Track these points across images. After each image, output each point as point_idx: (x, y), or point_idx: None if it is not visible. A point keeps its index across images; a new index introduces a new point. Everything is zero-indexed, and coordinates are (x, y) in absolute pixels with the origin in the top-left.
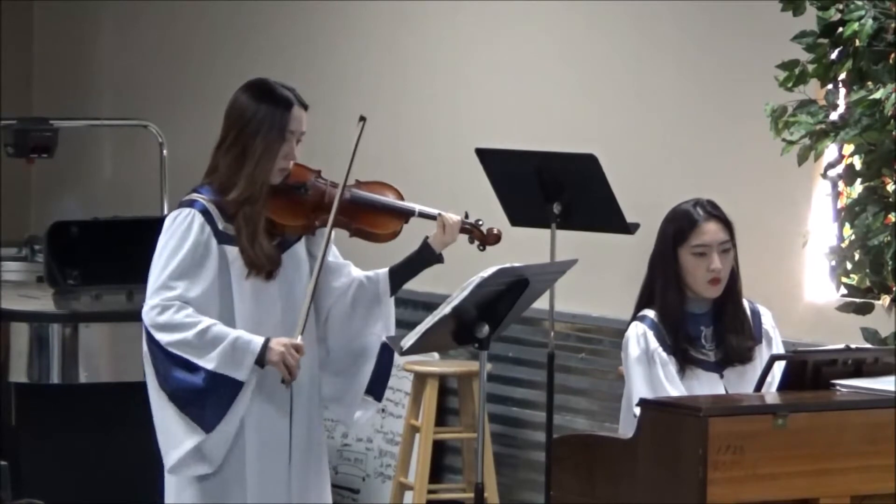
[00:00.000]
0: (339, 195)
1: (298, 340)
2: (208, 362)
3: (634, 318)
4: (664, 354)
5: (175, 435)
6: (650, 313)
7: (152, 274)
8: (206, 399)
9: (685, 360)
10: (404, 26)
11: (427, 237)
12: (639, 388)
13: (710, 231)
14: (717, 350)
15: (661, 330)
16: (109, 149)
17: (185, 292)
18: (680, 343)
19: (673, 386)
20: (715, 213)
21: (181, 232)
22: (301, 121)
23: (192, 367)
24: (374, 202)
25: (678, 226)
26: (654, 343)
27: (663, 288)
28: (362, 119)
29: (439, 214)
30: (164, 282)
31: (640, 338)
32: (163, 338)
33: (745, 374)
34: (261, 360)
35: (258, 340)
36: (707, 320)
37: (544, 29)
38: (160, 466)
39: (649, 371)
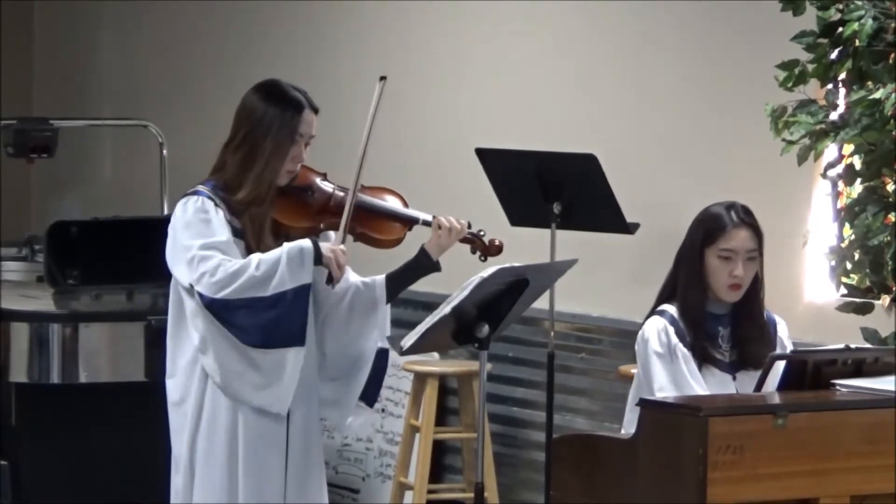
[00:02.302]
0: (358, 172)
1: (343, 247)
2: (278, 286)
3: (653, 311)
4: (685, 350)
5: (269, 389)
6: (670, 308)
7: (179, 253)
8: (290, 317)
9: (703, 358)
10: (404, 26)
11: (424, 244)
12: (661, 383)
13: (740, 238)
14: (731, 351)
15: (680, 325)
16: (109, 149)
17: (224, 256)
18: (699, 340)
19: (697, 383)
20: (747, 220)
21: (198, 213)
22: (311, 124)
23: (268, 302)
24: (380, 208)
25: (708, 227)
26: (674, 338)
27: (686, 285)
28: (383, 78)
29: (435, 217)
30: (199, 254)
31: (661, 332)
32: (228, 292)
33: (757, 379)
34: (318, 258)
35: (307, 243)
36: (726, 321)
37: (544, 28)
38: (161, 466)
39: (672, 366)
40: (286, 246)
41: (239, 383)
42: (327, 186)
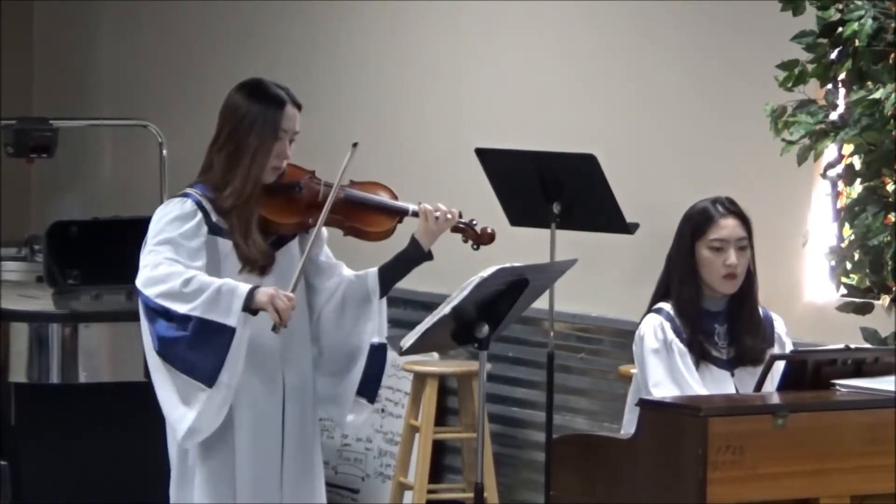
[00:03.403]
0: (331, 197)
1: (290, 293)
2: (193, 309)
3: (649, 311)
4: (681, 345)
5: (178, 407)
6: (666, 306)
7: (143, 247)
8: (198, 349)
9: (701, 355)
10: (404, 26)
11: (414, 233)
12: (657, 377)
13: (728, 226)
14: (729, 348)
15: (676, 323)
16: (109, 149)
17: (173, 256)
18: (696, 337)
19: (692, 376)
20: (734, 209)
21: (171, 212)
22: (294, 120)
23: (180, 319)
24: (368, 201)
25: (696, 221)
26: (671, 334)
27: (680, 283)
28: (355, 145)
29: (419, 203)
30: (152, 247)
31: (657, 329)
32: (151, 291)
33: (755, 375)
34: (248, 304)
35: (245, 286)
36: (721, 318)
37: (544, 29)
38: (160, 466)
39: (668, 361)
40: (225, 280)
41: (159, 391)
42: (315, 183)
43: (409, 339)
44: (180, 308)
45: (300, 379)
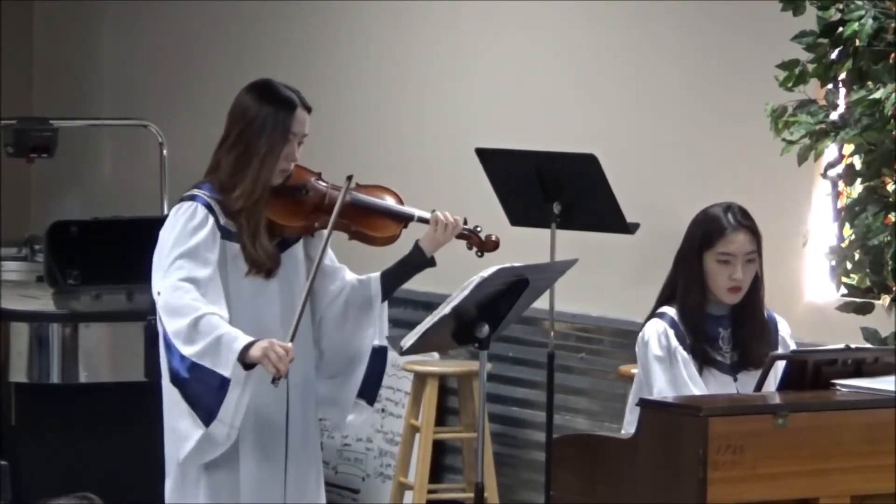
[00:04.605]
0: (337, 207)
1: (288, 343)
2: (193, 354)
3: (653, 314)
4: (685, 353)
5: (183, 430)
6: (670, 311)
7: (158, 260)
8: (194, 391)
9: (704, 361)
10: (404, 26)
11: (418, 240)
12: (661, 386)
13: (738, 241)
14: (732, 353)
15: (680, 328)
16: (109, 149)
17: (193, 272)
18: (700, 343)
19: (696, 386)
20: (745, 222)
21: (185, 219)
22: (304, 123)
23: (182, 359)
24: (374, 206)
25: (706, 229)
26: (674, 341)
27: (685, 287)
28: (349, 178)
29: (433, 211)
30: (171, 262)
31: (661, 336)
32: (167, 324)
33: None
34: (243, 358)
35: (244, 339)
36: (726, 322)
37: (544, 29)
38: (160, 466)
39: (672, 370)
40: (228, 330)
41: (172, 409)
42: (321, 185)
43: (409, 339)
44: (183, 349)
45: (303, 380)
